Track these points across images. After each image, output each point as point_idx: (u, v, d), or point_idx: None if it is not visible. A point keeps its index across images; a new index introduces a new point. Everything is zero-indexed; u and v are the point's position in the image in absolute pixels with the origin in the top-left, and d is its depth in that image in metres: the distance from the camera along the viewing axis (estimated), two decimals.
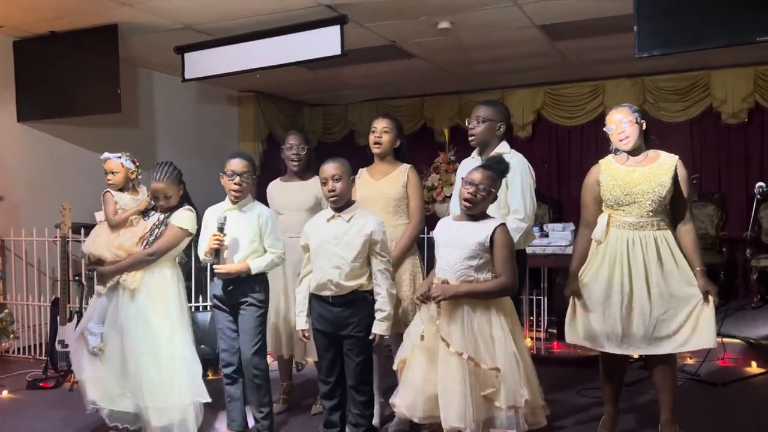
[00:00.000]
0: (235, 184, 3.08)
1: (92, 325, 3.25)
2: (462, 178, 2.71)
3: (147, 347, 3.14)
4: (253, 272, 3.07)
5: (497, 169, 2.72)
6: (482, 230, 2.59)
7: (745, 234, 5.57)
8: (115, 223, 3.35)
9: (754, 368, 4.29)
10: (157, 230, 3.23)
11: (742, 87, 6.53)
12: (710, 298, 2.86)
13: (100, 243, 3.33)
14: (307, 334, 3.01)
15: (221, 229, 3.05)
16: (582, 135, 7.35)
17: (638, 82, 6.94)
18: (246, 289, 3.10)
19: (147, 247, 3.20)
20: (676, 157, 2.96)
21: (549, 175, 7.38)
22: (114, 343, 3.21)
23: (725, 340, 4.50)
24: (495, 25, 5.09)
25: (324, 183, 2.91)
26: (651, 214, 2.91)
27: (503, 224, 2.64)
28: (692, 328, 2.87)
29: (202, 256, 3.18)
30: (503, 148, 3.20)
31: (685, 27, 3.55)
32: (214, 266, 3.13)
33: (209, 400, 3.19)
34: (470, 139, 3.23)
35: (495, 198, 2.71)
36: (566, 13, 4.85)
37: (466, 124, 3.26)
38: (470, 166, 3.23)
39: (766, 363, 4.23)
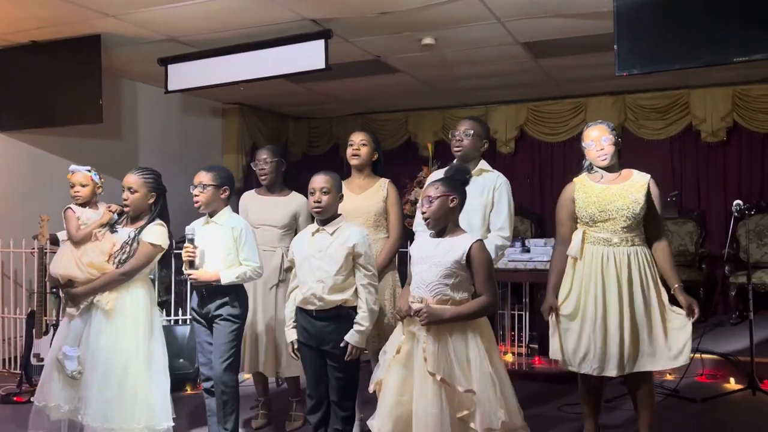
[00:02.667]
0: (194, 195, 3.10)
1: (68, 348, 3.13)
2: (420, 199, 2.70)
3: (112, 368, 3.07)
4: (223, 282, 3.03)
5: (449, 177, 2.67)
6: (458, 247, 2.52)
7: (724, 251, 5.64)
8: (78, 238, 3.27)
9: (732, 384, 4.32)
10: (128, 247, 3.16)
11: (721, 106, 6.63)
12: (694, 312, 2.89)
13: (68, 263, 3.21)
14: (296, 346, 2.98)
15: (191, 241, 3.05)
16: (564, 151, 7.41)
17: (619, 100, 7.03)
18: (219, 302, 3.08)
19: (119, 265, 3.14)
20: (648, 176, 3.01)
21: (531, 191, 7.43)
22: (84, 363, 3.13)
23: (704, 356, 4.54)
24: (478, 41, 5.14)
25: (312, 193, 2.91)
26: (625, 230, 2.94)
27: (479, 240, 2.58)
28: (666, 346, 2.89)
29: (185, 270, 3.14)
30: (484, 165, 3.24)
31: (665, 46, 3.61)
32: (186, 273, 3.10)
33: (170, 424, 3.11)
34: (456, 151, 3.26)
35: (461, 205, 2.61)
36: (548, 32, 4.91)
37: (450, 137, 3.29)
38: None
39: (744, 379, 4.27)
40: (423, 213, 2.60)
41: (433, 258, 2.54)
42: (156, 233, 3.18)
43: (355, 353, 2.85)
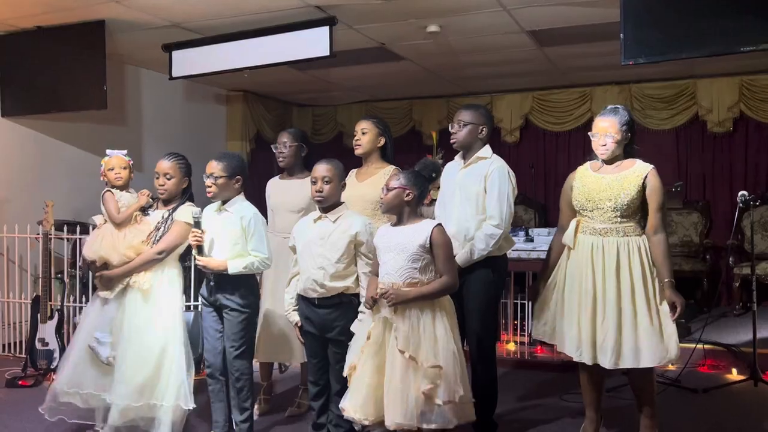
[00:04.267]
0: (206, 185, 3.09)
1: (100, 334, 3.14)
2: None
3: (150, 348, 3.10)
4: (230, 271, 3.01)
5: (420, 173, 2.79)
6: (421, 232, 2.65)
7: (729, 242, 5.62)
8: (120, 220, 3.27)
9: (734, 375, 4.33)
10: (162, 227, 3.20)
11: (728, 96, 6.59)
12: (675, 309, 2.83)
13: (106, 245, 3.22)
14: (299, 325, 2.99)
15: (198, 224, 3.03)
16: (569, 141, 7.39)
17: (625, 89, 6.99)
18: (227, 290, 3.07)
19: (153, 245, 3.17)
20: (650, 167, 2.95)
21: (536, 180, 7.41)
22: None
23: (706, 346, 4.54)
24: (484, 29, 5.11)
25: (313, 182, 2.92)
26: (616, 220, 2.92)
27: (439, 225, 2.70)
28: (650, 342, 2.84)
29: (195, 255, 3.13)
30: (485, 152, 3.20)
31: (671, 36, 3.58)
32: (196, 259, 3.08)
33: (192, 406, 3.14)
34: (452, 142, 3.24)
35: (420, 197, 2.73)
36: (554, 20, 4.88)
37: (450, 128, 3.28)
38: (454, 169, 3.24)
39: (746, 370, 4.26)
40: (381, 198, 2.74)
41: (398, 245, 2.66)
42: (189, 212, 3.19)
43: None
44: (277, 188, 3.72)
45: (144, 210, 3.34)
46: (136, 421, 3.13)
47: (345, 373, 2.76)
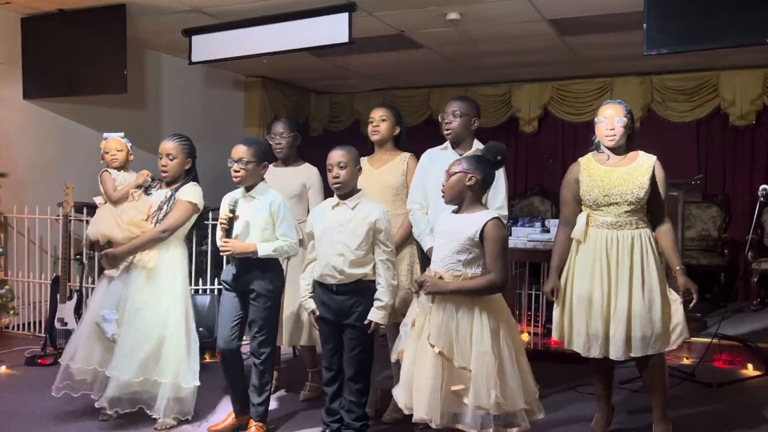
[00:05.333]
0: (233, 170, 3.07)
1: (107, 312, 3.20)
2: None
3: (151, 325, 3.15)
4: (260, 254, 3.02)
5: (484, 157, 2.62)
6: (473, 223, 2.49)
7: (747, 236, 5.56)
8: (116, 197, 3.35)
9: (750, 370, 4.29)
10: (165, 206, 3.23)
11: (751, 89, 6.50)
12: (691, 295, 2.87)
13: (108, 223, 3.28)
14: (317, 313, 3.00)
15: (233, 212, 3.01)
16: (588, 132, 7.21)
17: (646, 81, 6.91)
18: (255, 276, 3.06)
19: (157, 224, 3.20)
20: (654, 157, 2.96)
21: (553, 171, 7.36)
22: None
23: (722, 341, 4.51)
24: (504, 17, 5.07)
25: (329, 169, 2.92)
26: (629, 213, 2.91)
27: (496, 218, 2.52)
28: (660, 329, 2.86)
29: (219, 244, 3.12)
30: (479, 145, 3.22)
31: (695, 26, 3.53)
32: (221, 243, 3.06)
33: (196, 384, 3.19)
34: (446, 133, 3.26)
35: (484, 185, 2.58)
36: (576, 8, 4.83)
37: (440, 119, 3.28)
38: (446, 159, 3.23)
39: (762, 365, 4.23)
40: (441, 186, 2.61)
41: (450, 233, 2.55)
42: (193, 192, 3.25)
43: (374, 327, 2.89)
44: (273, 176, 3.73)
45: (145, 189, 3.37)
46: (140, 394, 3.18)
47: (393, 359, 2.73)
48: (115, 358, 3.15)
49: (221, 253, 3.12)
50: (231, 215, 3.01)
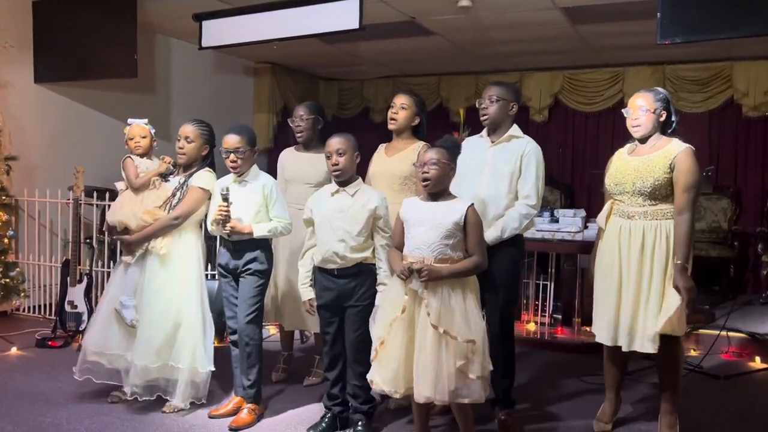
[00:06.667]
0: (230, 161, 3.12)
1: (125, 298, 3.25)
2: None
3: (167, 311, 3.18)
4: (255, 235, 3.08)
5: (444, 147, 2.75)
6: (456, 210, 2.66)
7: (758, 229, 5.52)
8: (137, 185, 3.36)
9: (757, 363, 4.28)
10: (179, 193, 3.26)
11: (765, 79, 6.42)
12: (680, 293, 2.75)
13: (125, 210, 3.31)
14: (314, 304, 3.04)
15: (226, 199, 3.06)
16: (599, 121, 7.27)
17: (659, 71, 6.84)
18: (247, 257, 3.13)
19: (170, 210, 3.23)
20: (685, 146, 2.84)
21: (563, 161, 7.33)
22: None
23: (730, 334, 4.50)
24: (516, 5, 5.02)
25: (328, 157, 2.95)
26: (644, 204, 2.88)
27: (473, 204, 2.70)
28: (648, 324, 2.83)
29: (209, 227, 3.22)
30: (517, 131, 3.17)
31: (710, 15, 3.49)
32: (213, 226, 3.12)
33: (211, 369, 3.22)
34: (483, 118, 3.19)
35: (453, 171, 2.73)
36: None
37: (477, 105, 3.23)
38: (481, 146, 3.21)
39: None
40: (425, 174, 2.67)
41: (432, 220, 2.65)
42: (205, 178, 3.26)
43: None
44: (293, 160, 3.73)
45: (164, 176, 3.39)
46: (157, 380, 3.22)
47: (374, 347, 2.76)
48: (135, 344, 3.19)
49: (215, 231, 3.16)
50: (226, 203, 3.06)
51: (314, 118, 3.67)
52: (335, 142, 2.94)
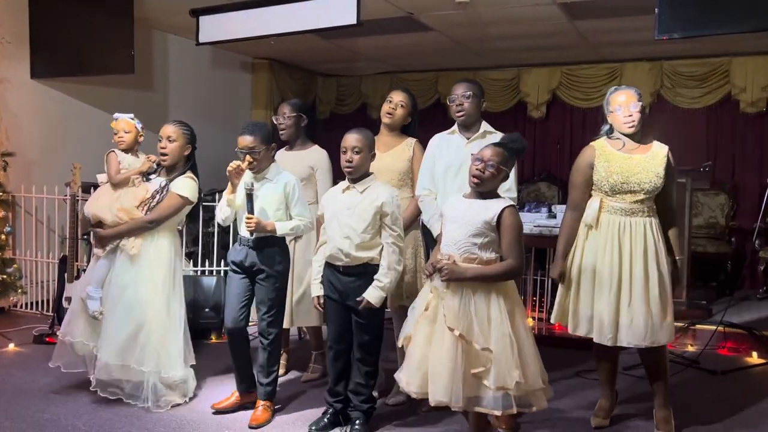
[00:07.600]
0: (246, 161, 3.06)
1: (91, 289, 3.26)
2: (472, 154, 2.64)
3: (131, 310, 3.17)
4: (278, 233, 3.05)
5: (510, 147, 2.62)
6: (490, 209, 2.52)
7: (755, 225, 5.53)
8: (117, 180, 3.36)
9: (754, 358, 4.29)
10: (158, 195, 3.24)
11: (763, 75, 6.42)
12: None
13: (102, 204, 3.32)
14: (321, 301, 3.03)
15: (250, 195, 2.98)
16: (597, 117, 7.17)
17: (656, 66, 6.84)
18: (266, 256, 3.08)
19: (148, 212, 3.21)
20: (666, 147, 2.97)
21: (560, 157, 7.33)
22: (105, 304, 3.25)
23: (727, 329, 4.51)
24: (514, 0, 5.01)
25: (343, 152, 2.91)
26: (641, 201, 2.92)
27: (512, 205, 2.56)
28: (670, 319, 2.88)
29: (220, 218, 3.17)
30: (487, 126, 3.22)
31: (708, 10, 3.48)
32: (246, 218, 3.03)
33: (181, 372, 3.20)
34: (458, 115, 3.24)
35: (506, 177, 2.62)
36: None
37: (449, 102, 3.26)
38: (455, 143, 3.22)
39: (766, 353, 4.23)
40: (478, 170, 2.54)
41: (464, 218, 2.54)
42: (186, 186, 3.24)
43: (365, 306, 2.86)
44: (282, 159, 3.73)
45: (146, 175, 3.37)
46: (120, 382, 3.21)
47: (399, 344, 2.73)
48: (100, 339, 3.22)
49: (246, 224, 3.02)
50: (250, 193, 2.99)
51: (296, 116, 3.67)
52: (353, 139, 2.89)
